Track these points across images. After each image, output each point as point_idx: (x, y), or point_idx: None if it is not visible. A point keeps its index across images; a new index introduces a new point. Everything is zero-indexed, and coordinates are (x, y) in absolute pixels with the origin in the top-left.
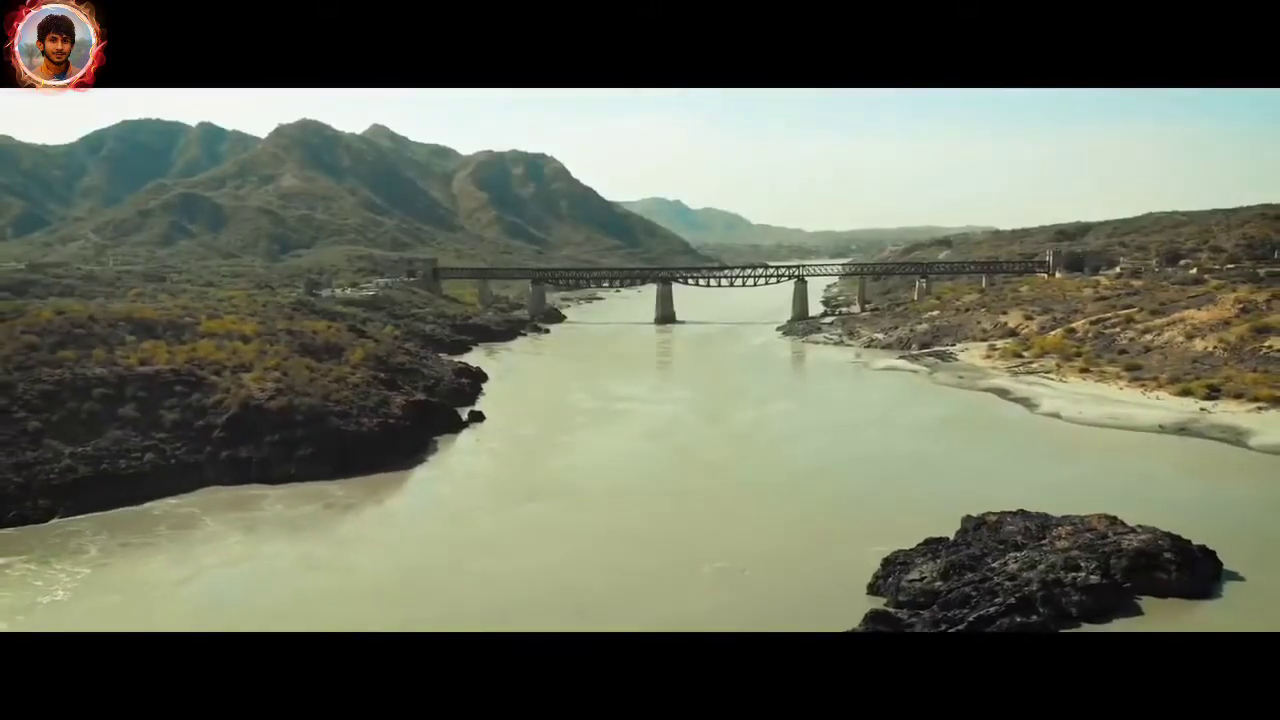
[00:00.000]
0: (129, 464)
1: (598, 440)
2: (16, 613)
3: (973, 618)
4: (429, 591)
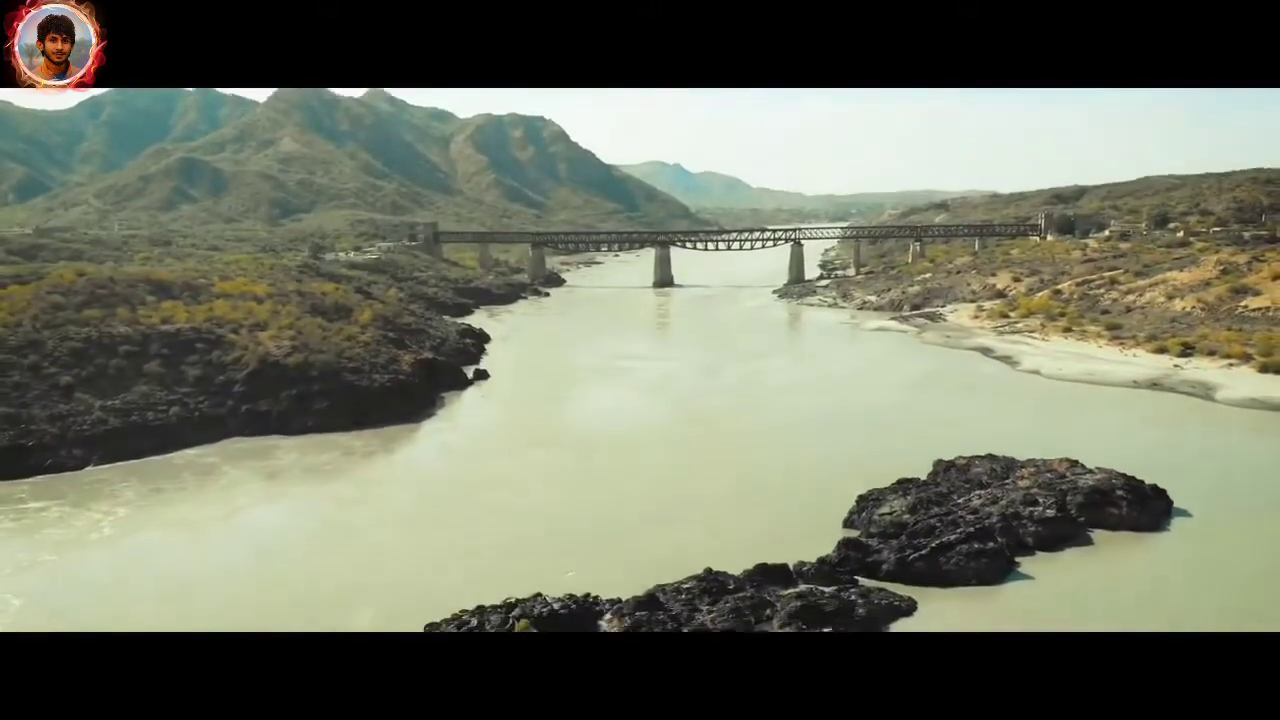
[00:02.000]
0: (156, 416)
1: (599, 395)
2: (66, 548)
3: (934, 544)
4: (453, 522)
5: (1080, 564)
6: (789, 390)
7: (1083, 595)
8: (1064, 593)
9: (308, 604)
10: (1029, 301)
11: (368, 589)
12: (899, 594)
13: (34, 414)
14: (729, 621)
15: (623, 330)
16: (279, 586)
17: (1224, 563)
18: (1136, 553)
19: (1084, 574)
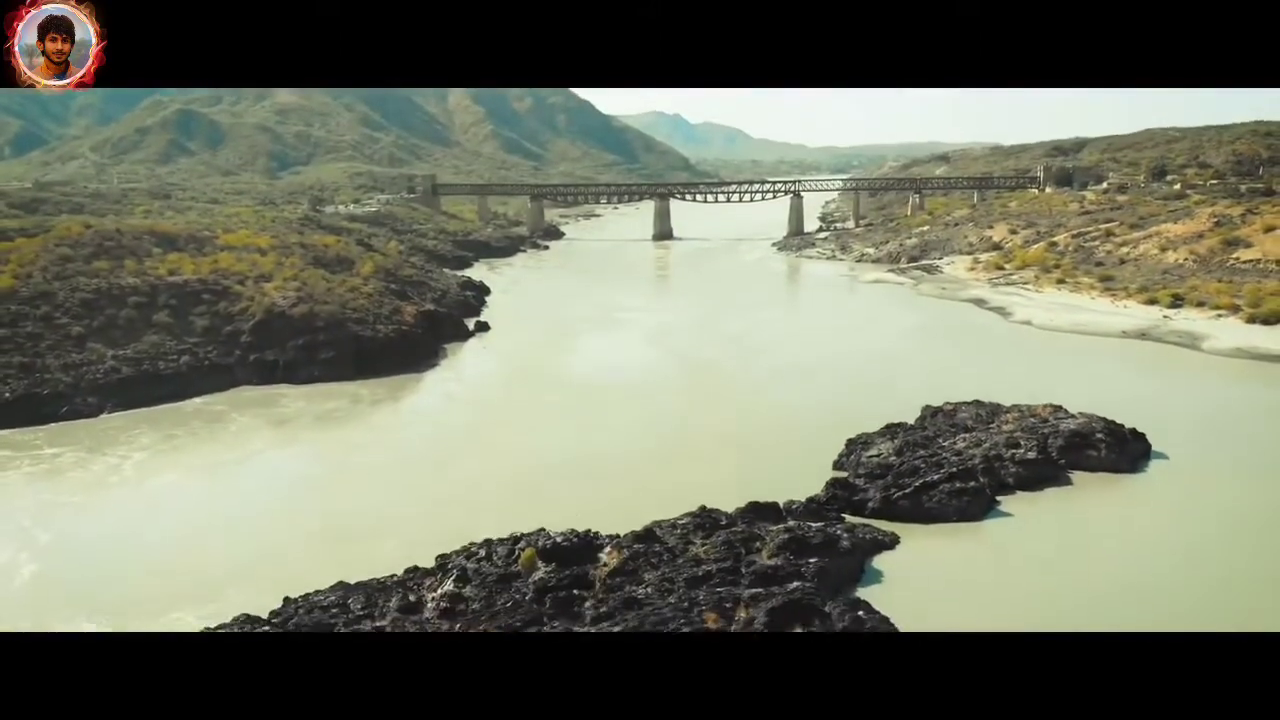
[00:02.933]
0: (167, 365)
1: (599, 345)
2: (89, 489)
3: (918, 483)
4: (461, 463)
5: (1058, 503)
6: (785, 340)
7: (1059, 532)
8: (1041, 529)
9: (331, 539)
10: (1024, 254)
11: (386, 523)
12: (883, 529)
13: (48, 363)
14: (720, 553)
15: (622, 283)
16: (301, 523)
17: (1195, 503)
18: (1113, 493)
19: (1061, 512)
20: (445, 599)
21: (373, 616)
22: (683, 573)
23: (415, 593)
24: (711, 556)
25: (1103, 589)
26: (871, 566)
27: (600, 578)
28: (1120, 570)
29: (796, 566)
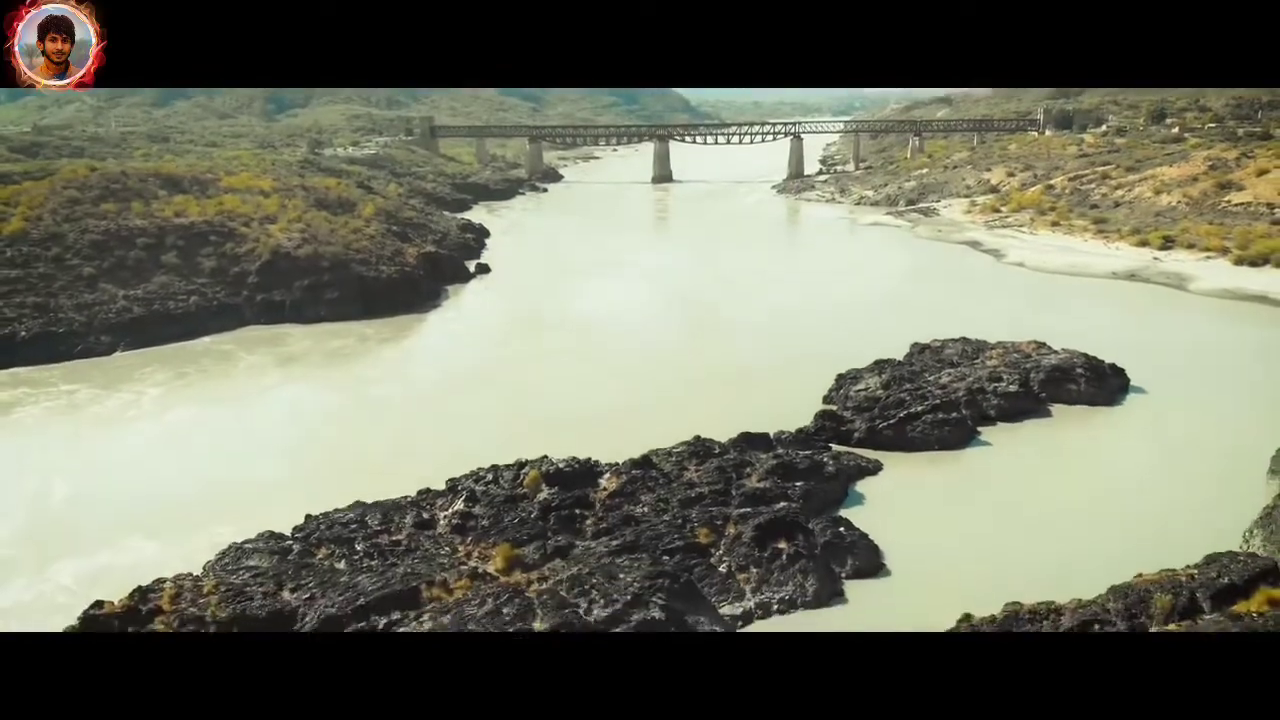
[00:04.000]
0: (177, 305)
1: (599, 286)
2: (109, 423)
3: (902, 414)
4: (467, 398)
5: (1036, 433)
6: (782, 282)
7: (1034, 459)
8: (1018, 456)
9: (347, 465)
10: (1020, 196)
11: (398, 452)
12: (867, 457)
13: (61, 303)
14: (713, 477)
15: (621, 225)
16: (318, 451)
17: (1168, 434)
18: (1090, 424)
19: (1038, 441)
20: (456, 517)
21: (389, 531)
22: (677, 495)
23: (429, 511)
24: (704, 481)
25: (1072, 511)
26: (854, 490)
27: (600, 499)
28: (1089, 494)
29: (783, 489)
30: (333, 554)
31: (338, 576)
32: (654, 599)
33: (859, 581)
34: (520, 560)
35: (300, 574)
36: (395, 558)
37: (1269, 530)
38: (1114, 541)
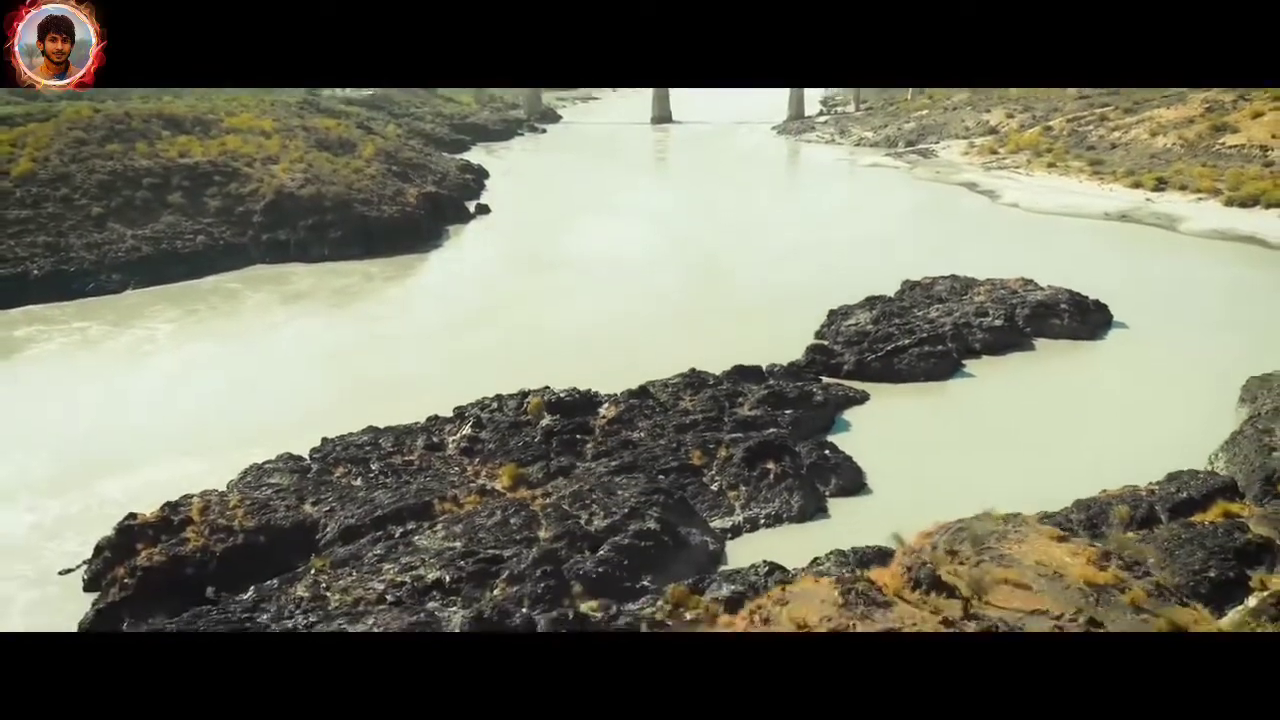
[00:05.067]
0: (184, 244)
1: (598, 226)
2: (125, 357)
3: (890, 348)
4: (473, 329)
5: (1019, 365)
6: (780, 222)
7: (1015, 389)
8: (1000, 386)
9: (358, 395)
10: (1018, 138)
11: (406, 383)
12: (855, 388)
13: (71, 242)
14: (707, 406)
15: (620, 166)
16: (330, 382)
17: (1146, 366)
18: (1071, 356)
19: (1021, 372)
20: (464, 440)
21: (401, 453)
22: (672, 421)
23: (438, 435)
24: (698, 409)
25: (1048, 436)
26: (841, 419)
27: (599, 426)
28: (1066, 421)
29: (773, 416)
30: (349, 472)
31: (355, 492)
32: (649, 512)
33: (842, 499)
34: (525, 479)
35: (320, 490)
36: (408, 476)
37: (1232, 453)
38: (1086, 463)
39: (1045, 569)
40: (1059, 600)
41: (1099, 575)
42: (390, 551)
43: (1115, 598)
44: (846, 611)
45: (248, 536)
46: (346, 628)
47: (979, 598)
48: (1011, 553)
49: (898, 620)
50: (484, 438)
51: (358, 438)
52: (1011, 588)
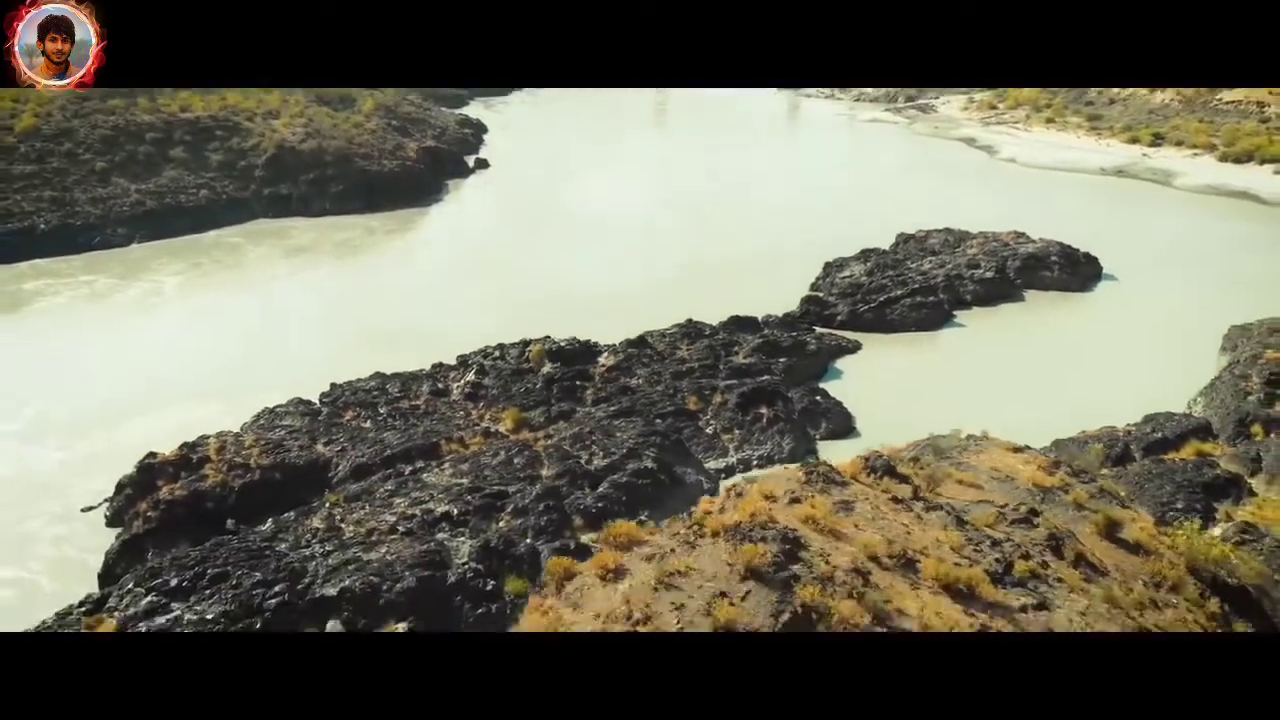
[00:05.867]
0: (188, 198)
1: (598, 180)
2: (136, 308)
3: (883, 299)
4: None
5: (1008, 315)
6: (780, 176)
7: (1003, 337)
8: (988, 336)
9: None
10: (1017, 93)
11: (410, 333)
12: (848, 337)
13: (76, 197)
14: (703, 354)
15: (621, 121)
16: (336, 332)
17: (1133, 316)
18: (1060, 307)
19: (1010, 322)
20: (468, 386)
21: (408, 397)
22: (669, 369)
23: (442, 381)
24: (695, 358)
25: (1033, 382)
26: (834, 367)
27: (599, 373)
28: (1051, 368)
29: (767, 364)
30: (359, 415)
31: (365, 433)
32: (647, 452)
33: (831, 441)
34: (527, 422)
35: (331, 431)
36: (415, 419)
37: (1210, 398)
38: (1069, 408)
39: (998, 473)
40: (1006, 497)
41: (1047, 479)
42: (400, 487)
43: (1059, 497)
44: (807, 487)
45: (264, 473)
46: (361, 556)
47: (930, 489)
48: (969, 461)
49: (852, 496)
50: (487, 384)
51: (365, 383)
52: (964, 486)
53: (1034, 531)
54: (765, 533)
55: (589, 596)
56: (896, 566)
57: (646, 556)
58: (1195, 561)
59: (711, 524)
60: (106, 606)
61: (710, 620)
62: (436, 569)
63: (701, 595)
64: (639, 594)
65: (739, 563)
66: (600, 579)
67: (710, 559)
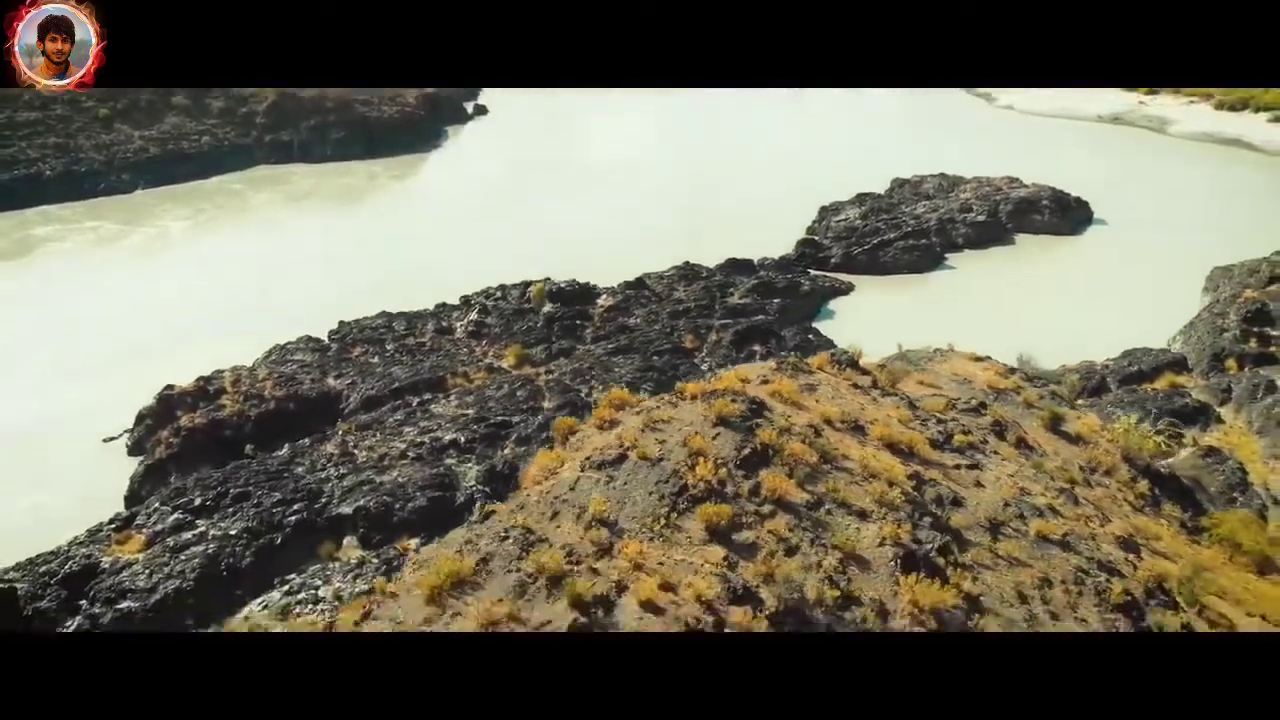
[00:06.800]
0: (190, 145)
1: (598, 127)
2: (144, 251)
3: (875, 241)
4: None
5: (999, 258)
6: (780, 128)
7: (993, 278)
8: (979, 277)
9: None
10: None
11: (415, 274)
12: (841, 279)
13: (81, 143)
14: (699, 295)
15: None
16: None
17: (1120, 258)
18: (1049, 250)
19: (999, 264)
20: (471, 325)
21: (414, 335)
22: (667, 309)
23: (446, 320)
24: (691, 298)
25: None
26: (826, 307)
27: (598, 313)
28: (1038, 307)
29: (762, 305)
30: (366, 351)
31: (373, 368)
32: (644, 386)
33: None
34: (529, 358)
35: (340, 365)
36: (421, 355)
37: (1189, 335)
38: (1052, 345)
39: (957, 377)
40: (960, 395)
41: (1002, 382)
42: (409, 417)
43: (1011, 398)
44: (776, 373)
45: (278, 404)
46: (374, 478)
47: (889, 383)
48: (932, 367)
49: (816, 381)
50: (489, 323)
51: (372, 321)
52: (923, 386)
53: (980, 419)
54: (736, 396)
55: (588, 441)
56: (847, 429)
57: (637, 413)
58: (1130, 451)
59: (691, 389)
60: (135, 524)
61: (685, 449)
62: (445, 490)
63: (680, 434)
64: (629, 434)
65: (712, 413)
66: (598, 428)
67: (689, 412)
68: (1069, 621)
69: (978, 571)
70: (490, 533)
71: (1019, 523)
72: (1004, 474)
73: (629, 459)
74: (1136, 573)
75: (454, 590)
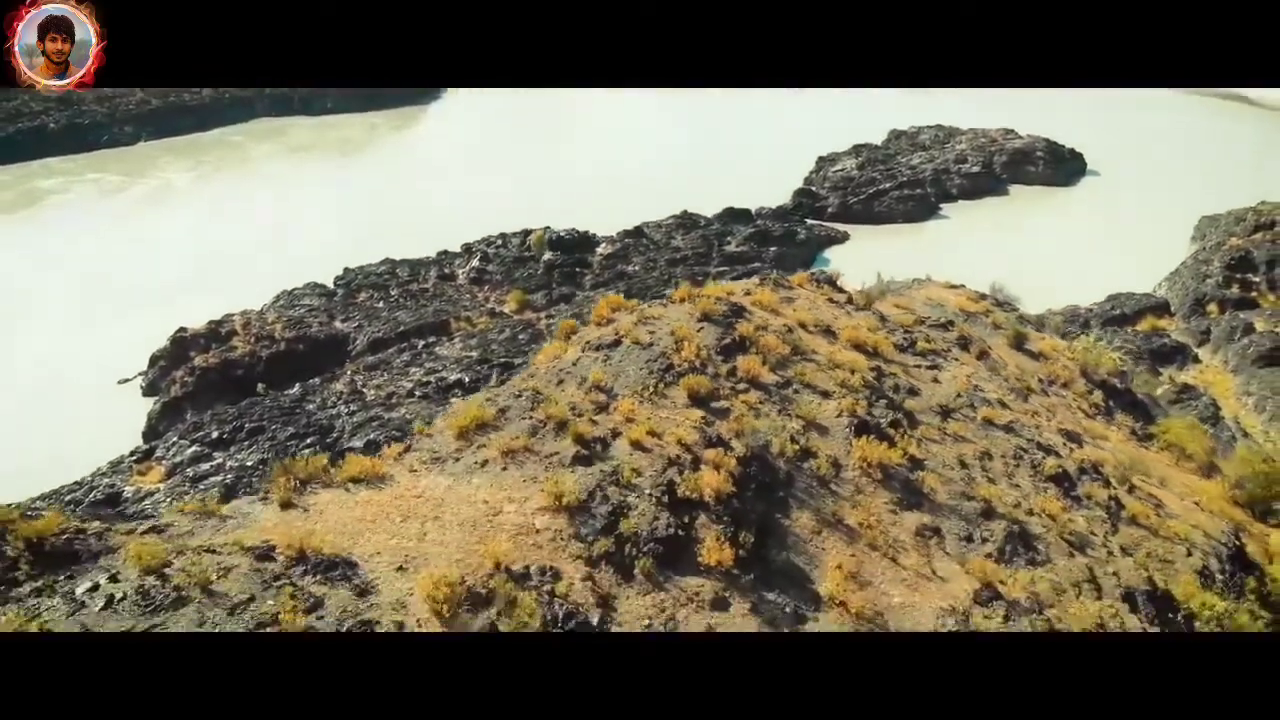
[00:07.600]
0: (192, 97)
1: None
2: (149, 201)
3: (871, 191)
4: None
5: (992, 208)
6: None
7: (987, 228)
8: (972, 226)
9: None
10: None
11: (415, 222)
12: (837, 228)
13: (83, 96)
14: (697, 244)
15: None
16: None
17: (1112, 209)
18: (1043, 201)
19: (992, 214)
20: (473, 272)
21: (418, 281)
22: (665, 256)
23: (449, 267)
24: (689, 247)
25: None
26: (822, 255)
27: (597, 260)
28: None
29: (758, 253)
30: (372, 296)
31: (379, 312)
32: None
33: None
34: (530, 304)
35: (347, 309)
36: (425, 300)
37: (1173, 281)
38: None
39: (931, 301)
40: (931, 314)
41: (972, 305)
42: (415, 358)
43: (981, 320)
44: (760, 287)
45: (288, 345)
46: (383, 414)
47: (864, 304)
48: (908, 293)
49: (795, 295)
50: (491, 270)
51: (376, 268)
52: (897, 308)
53: (947, 334)
54: (719, 300)
55: (586, 336)
56: (819, 332)
57: (630, 313)
58: (1088, 367)
59: (679, 295)
60: (155, 456)
61: (673, 337)
62: None
63: (668, 327)
64: (624, 326)
65: (698, 311)
66: (596, 325)
67: (677, 311)
68: (1003, 485)
69: (925, 444)
70: (506, 393)
71: (969, 410)
72: (961, 374)
73: (624, 343)
74: (1073, 454)
75: (478, 431)
